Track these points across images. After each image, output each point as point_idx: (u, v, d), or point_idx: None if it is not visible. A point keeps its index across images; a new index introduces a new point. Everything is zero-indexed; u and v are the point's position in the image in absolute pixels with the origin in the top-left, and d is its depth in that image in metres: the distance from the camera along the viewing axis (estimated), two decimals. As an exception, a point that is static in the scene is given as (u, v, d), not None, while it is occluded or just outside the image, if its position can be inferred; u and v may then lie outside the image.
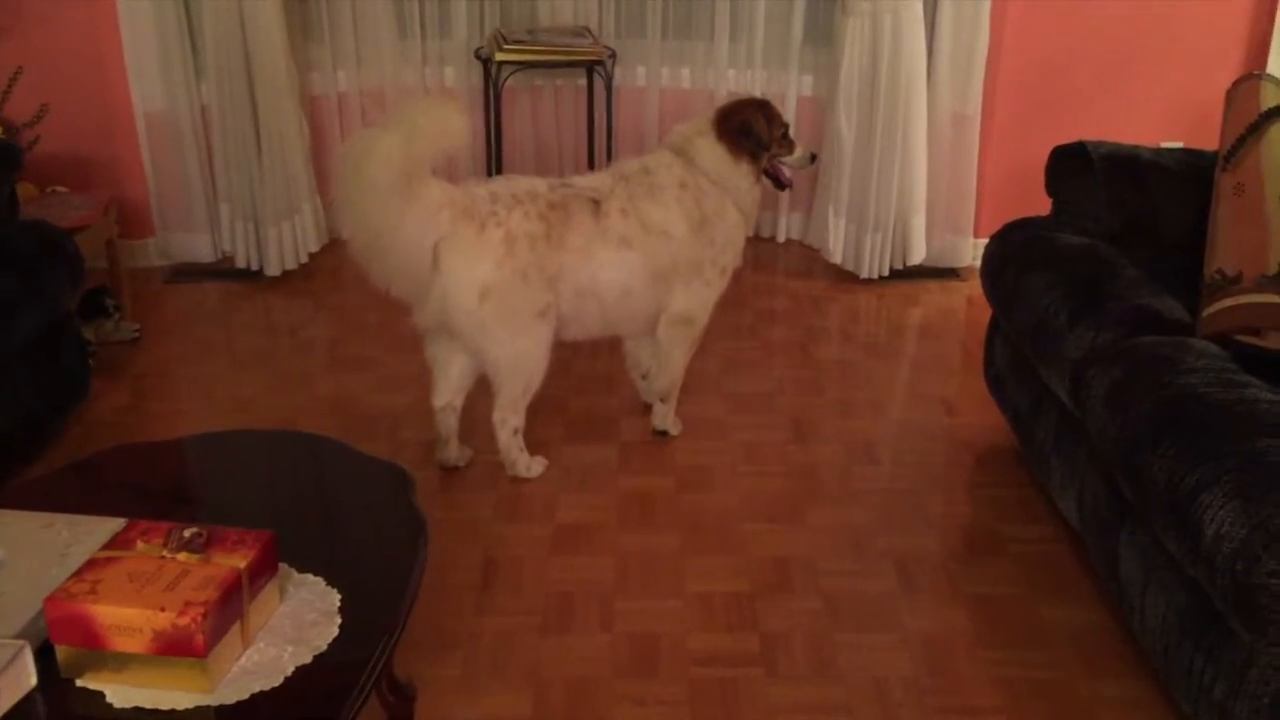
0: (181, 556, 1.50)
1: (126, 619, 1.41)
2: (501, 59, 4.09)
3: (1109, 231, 2.86)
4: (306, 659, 1.49)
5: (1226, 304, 2.37)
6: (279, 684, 1.44)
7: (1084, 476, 2.43)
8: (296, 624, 1.55)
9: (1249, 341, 2.30)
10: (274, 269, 4.18)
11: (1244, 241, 2.45)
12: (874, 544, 2.69)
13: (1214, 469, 1.85)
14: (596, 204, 2.82)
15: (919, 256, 4.27)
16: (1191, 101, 4.06)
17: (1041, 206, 3.08)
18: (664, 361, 3.07)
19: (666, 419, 3.16)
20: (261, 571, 1.54)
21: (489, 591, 2.51)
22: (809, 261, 4.47)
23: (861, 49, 4.01)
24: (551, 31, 4.28)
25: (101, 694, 1.43)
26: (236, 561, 1.50)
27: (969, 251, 4.33)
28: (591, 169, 4.07)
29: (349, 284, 4.17)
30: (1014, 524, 2.78)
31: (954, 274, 4.37)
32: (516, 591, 2.51)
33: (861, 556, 2.65)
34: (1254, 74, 2.85)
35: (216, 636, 1.43)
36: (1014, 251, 2.91)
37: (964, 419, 3.30)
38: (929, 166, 4.19)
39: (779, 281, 4.34)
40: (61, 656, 1.45)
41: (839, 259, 4.28)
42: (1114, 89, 4.12)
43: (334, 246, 4.42)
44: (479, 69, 4.39)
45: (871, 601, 2.49)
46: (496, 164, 4.32)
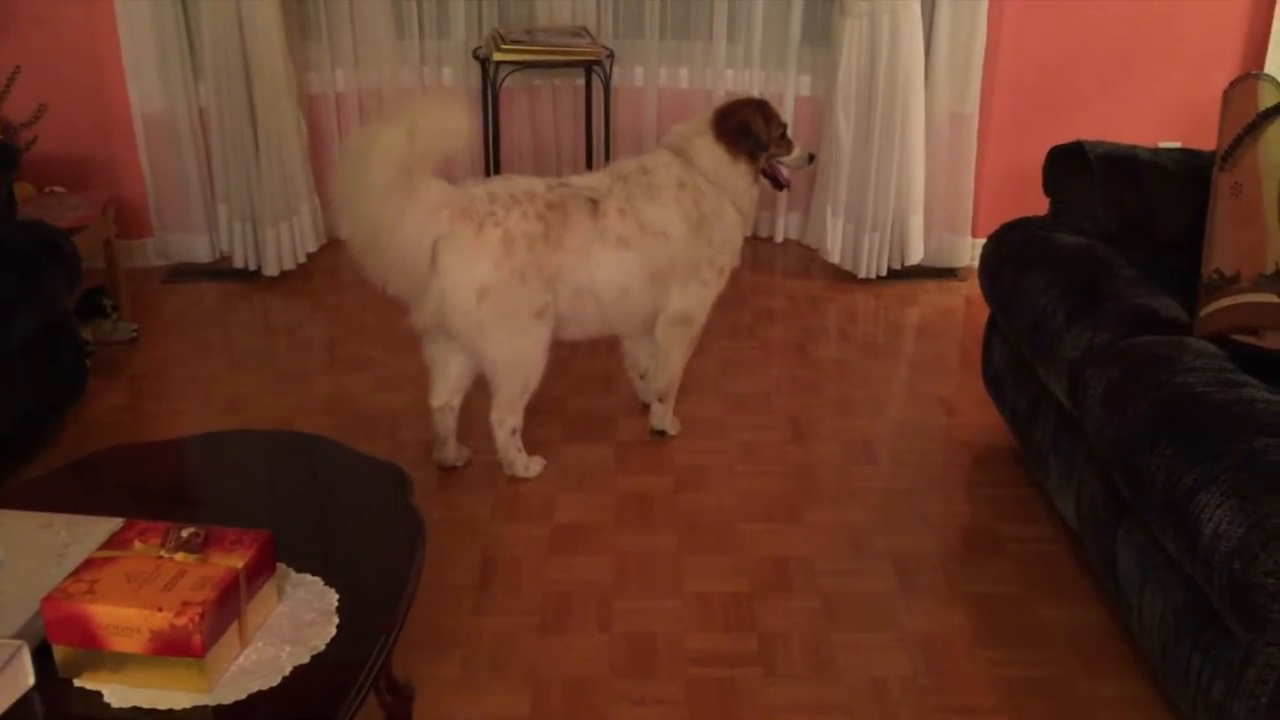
0: (179, 556, 1.50)
1: (124, 619, 1.41)
2: (499, 59, 4.09)
3: (1107, 231, 2.87)
4: (304, 659, 1.49)
5: (1224, 303, 2.37)
6: (277, 684, 1.44)
7: (1082, 476, 2.43)
8: (294, 624, 1.55)
9: (1246, 341, 2.30)
10: (272, 269, 4.18)
11: (1241, 241, 2.46)
12: (872, 543, 2.69)
13: (1211, 468, 1.85)
14: (594, 204, 2.81)
15: (917, 256, 4.28)
16: (1189, 101, 4.06)
17: (1039, 206, 3.08)
18: (662, 361, 3.07)
19: (664, 419, 3.16)
20: (259, 571, 1.54)
21: (487, 591, 2.51)
22: (807, 261, 4.47)
23: (859, 49, 4.01)
24: (549, 31, 4.28)
25: (99, 694, 1.43)
26: (234, 561, 1.50)
27: (967, 251, 4.33)
28: (589, 169, 4.07)
29: (347, 284, 4.17)
30: (1012, 523, 2.78)
31: (952, 274, 4.37)
32: (515, 591, 2.51)
33: (860, 556, 2.65)
34: (1252, 74, 2.86)
35: (214, 636, 1.43)
36: (1012, 251, 2.91)
37: (962, 419, 3.30)
38: (927, 166, 4.19)
39: (777, 281, 4.34)
40: (59, 656, 1.45)
41: (837, 259, 4.28)
42: (1112, 89, 4.12)
43: (332, 246, 4.42)
44: (477, 69, 4.39)
45: (870, 601, 2.50)
46: (494, 164, 4.32)
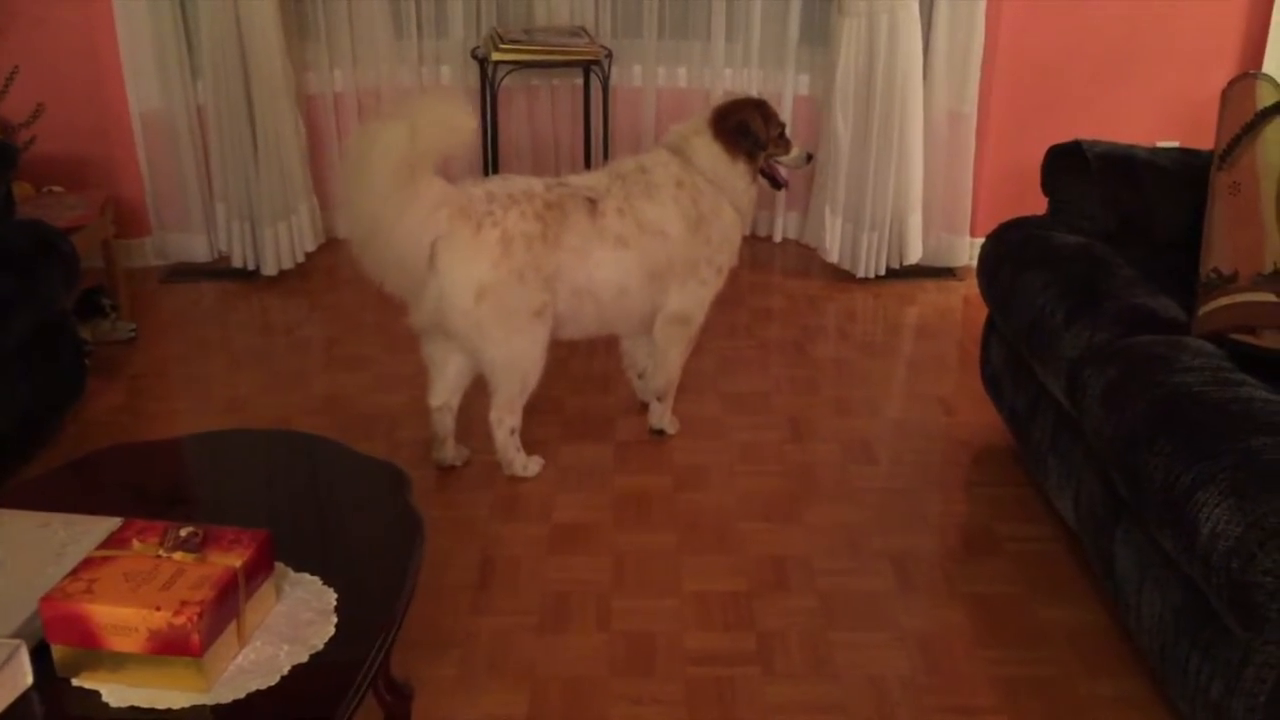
0: (177, 556, 1.50)
1: (122, 618, 1.41)
2: (498, 59, 4.09)
3: (1105, 231, 2.87)
4: (303, 658, 1.49)
5: (1222, 303, 2.37)
6: (275, 683, 1.44)
7: (1080, 475, 2.43)
8: (293, 623, 1.55)
9: (1244, 340, 2.31)
10: (270, 268, 4.18)
11: (1240, 240, 2.46)
12: (870, 543, 2.70)
13: (1209, 467, 1.85)
14: (593, 203, 2.81)
15: (915, 256, 4.28)
16: (1187, 101, 4.06)
17: (1037, 206, 3.09)
18: (660, 361, 3.07)
19: (663, 418, 3.16)
20: (257, 570, 1.53)
21: (486, 591, 2.51)
22: (806, 261, 4.47)
23: (858, 49, 4.01)
24: (548, 31, 4.28)
25: (97, 693, 1.43)
26: (232, 561, 1.50)
27: (965, 251, 4.33)
28: (588, 168, 4.07)
29: (345, 283, 4.17)
30: (1011, 523, 2.78)
31: (950, 273, 4.37)
32: (513, 591, 2.51)
33: (858, 555, 2.65)
34: (1250, 73, 2.86)
35: (212, 636, 1.42)
36: (1010, 251, 2.91)
37: (960, 418, 3.30)
38: (925, 166, 4.19)
39: (776, 281, 4.34)
40: (57, 656, 1.45)
41: (835, 258, 4.28)
42: (1110, 88, 4.12)
43: (330, 246, 4.42)
44: (475, 68, 4.39)
45: (868, 600, 2.50)
46: (493, 163, 4.32)
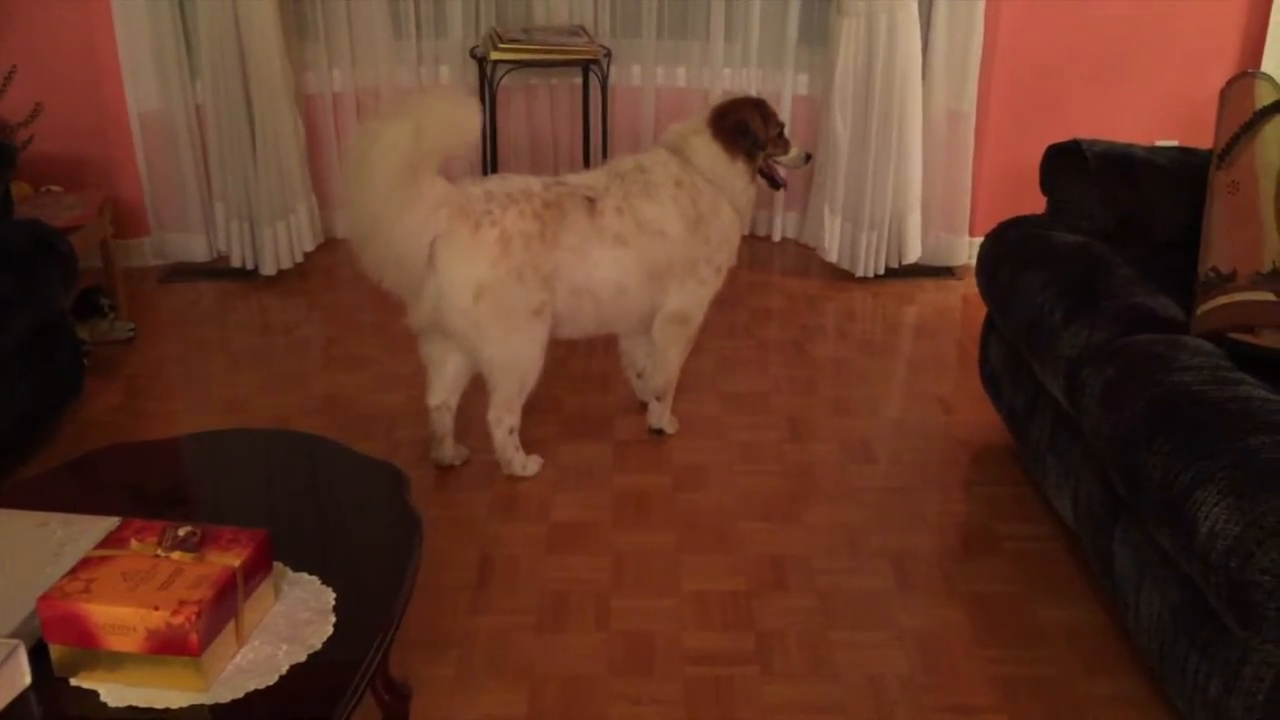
0: (175, 555, 1.50)
1: (120, 618, 1.41)
2: (497, 58, 4.09)
3: (1103, 230, 2.87)
4: (301, 657, 1.49)
5: (1221, 302, 2.37)
6: (273, 683, 1.44)
7: (1079, 474, 2.43)
8: (291, 622, 1.55)
9: (1243, 339, 2.31)
10: (269, 268, 4.18)
11: (1238, 239, 2.46)
12: (869, 542, 2.70)
13: (1208, 466, 1.85)
14: (591, 202, 2.81)
15: (914, 255, 4.28)
16: (1186, 100, 4.06)
17: (1036, 205, 3.09)
18: (659, 360, 3.07)
19: (662, 418, 3.16)
20: (256, 570, 1.53)
21: (484, 590, 2.51)
22: (805, 260, 4.47)
23: (857, 48, 4.01)
24: (547, 30, 4.28)
25: (96, 693, 1.43)
26: (231, 560, 1.49)
27: (964, 250, 4.33)
28: (587, 168, 4.06)
29: (344, 283, 4.17)
30: (1009, 522, 2.78)
31: (949, 272, 4.37)
32: (512, 590, 2.51)
33: (857, 555, 2.65)
34: (1248, 72, 2.86)
35: (211, 635, 1.42)
36: (1009, 250, 2.91)
37: (959, 417, 3.30)
38: (924, 165, 4.19)
39: (775, 280, 4.34)
40: (55, 655, 1.45)
41: (834, 258, 4.28)
42: (1108, 87, 4.12)
43: (329, 246, 4.42)
44: (474, 68, 4.38)
45: (867, 600, 2.50)
46: (491, 163, 4.32)
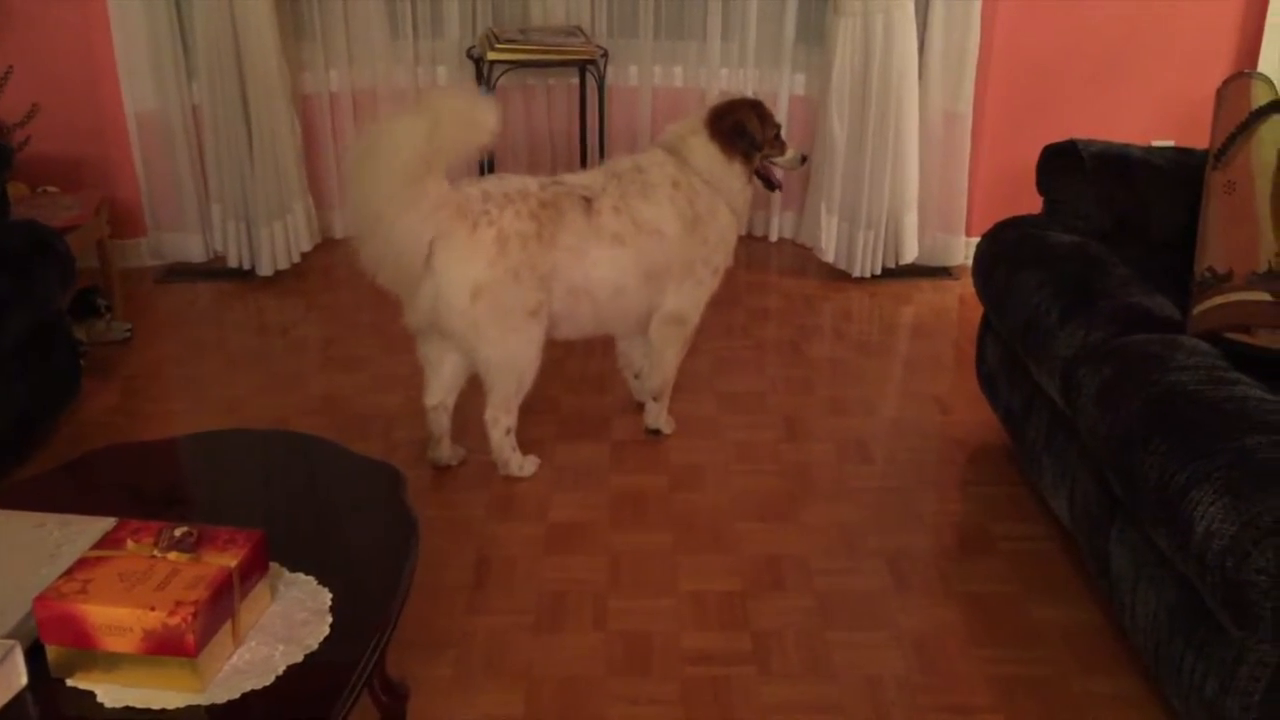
0: (172, 556, 1.50)
1: (117, 618, 1.41)
2: (494, 58, 4.09)
3: (1100, 230, 2.87)
4: (298, 658, 1.49)
5: (1217, 302, 2.37)
6: (270, 683, 1.44)
7: (1075, 474, 2.43)
8: (288, 623, 1.55)
9: (1239, 339, 2.31)
10: (266, 269, 4.18)
11: (1234, 239, 2.46)
12: (866, 542, 2.70)
13: (1204, 466, 1.86)
14: (589, 202, 2.81)
15: (911, 255, 4.28)
16: (1182, 100, 4.07)
17: (1033, 205, 3.09)
18: (656, 361, 3.07)
19: (659, 418, 3.16)
20: (252, 570, 1.53)
21: (482, 590, 2.51)
22: (802, 260, 4.47)
23: (853, 48, 4.01)
24: (544, 31, 4.28)
25: (92, 694, 1.43)
26: (227, 560, 1.49)
27: (961, 250, 4.34)
28: (584, 168, 4.06)
29: (341, 283, 4.17)
30: (1006, 522, 2.79)
31: (946, 272, 4.37)
32: (509, 590, 2.51)
33: (854, 555, 2.65)
34: (1244, 72, 2.86)
35: (207, 636, 1.42)
36: (1005, 250, 2.91)
37: (956, 417, 3.31)
38: (921, 165, 4.19)
39: (771, 280, 4.34)
40: (52, 656, 1.45)
41: (831, 258, 4.28)
42: (1105, 88, 4.13)
43: (326, 246, 4.42)
44: (471, 68, 4.38)
45: (864, 600, 2.50)
46: (489, 163, 4.31)
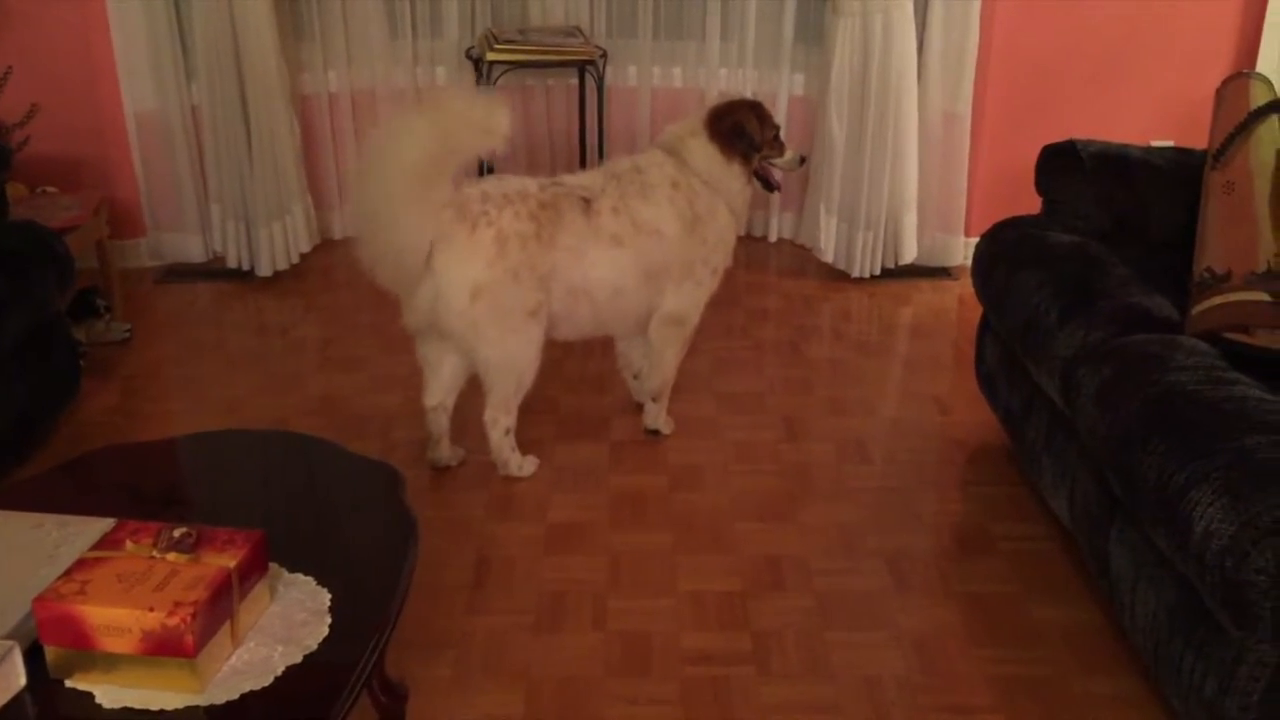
0: (171, 556, 1.50)
1: (116, 619, 1.41)
2: (493, 59, 4.09)
3: (1099, 230, 2.87)
4: (297, 659, 1.48)
5: (1216, 302, 2.37)
6: (269, 684, 1.44)
7: (1075, 474, 2.43)
8: (287, 623, 1.55)
9: (1238, 339, 2.31)
10: (265, 269, 4.17)
11: (1233, 239, 2.46)
12: (866, 542, 2.70)
13: (1203, 466, 1.86)
14: (588, 202, 2.81)
15: (910, 255, 4.28)
16: (1181, 100, 4.07)
17: (1032, 205, 3.09)
18: (655, 361, 3.07)
19: (658, 418, 3.16)
20: (251, 571, 1.53)
21: (481, 591, 2.51)
22: (801, 260, 4.47)
23: (852, 49, 4.01)
24: (543, 31, 4.28)
25: (91, 694, 1.42)
26: (226, 561, 1.49)
27: (960, 250, 4.34)
28: (583, 168, 4.06)
29: (340, 284, 4.17)
30: (1005, 522, 2.79)
31: (945, 273, 4.38)
32: (508, 591, 2.51)
33: (853, 555, 2.65)
34: (1243, 73, 2.86)
35: (206, 636, 1.42)
36: (1004, 250, 2.91)
37: (955, 417, 3.31)
38: (920, 165, 4.19)
39: (771, 281, 4.34)
40: (50, 657, 1.44)
41: (830, 258, 4.28)
42: (1104, 88, 4.13)
43: (325, 247, 4.42)
44: (470, 69, 4.38)
45: (863, 600, 2.50)
46: (488, 163, 4.31)
